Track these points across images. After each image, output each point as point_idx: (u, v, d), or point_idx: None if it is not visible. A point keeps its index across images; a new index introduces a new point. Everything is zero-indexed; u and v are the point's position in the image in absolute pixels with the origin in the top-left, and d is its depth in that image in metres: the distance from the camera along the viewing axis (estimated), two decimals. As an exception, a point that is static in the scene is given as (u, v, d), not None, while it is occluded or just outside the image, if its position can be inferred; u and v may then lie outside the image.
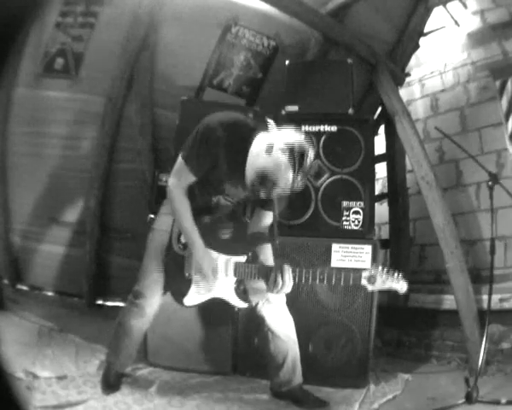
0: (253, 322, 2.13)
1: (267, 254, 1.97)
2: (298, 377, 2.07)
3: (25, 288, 3.48)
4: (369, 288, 1.86)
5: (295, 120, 2.58)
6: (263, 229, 2.01)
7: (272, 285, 1.85)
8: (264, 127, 1.80)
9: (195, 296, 1.95)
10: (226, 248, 1.96)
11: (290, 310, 2.10)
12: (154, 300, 2.01)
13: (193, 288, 1.94)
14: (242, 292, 1.97)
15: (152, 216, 2.27)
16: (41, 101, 3.01)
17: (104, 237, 3.29)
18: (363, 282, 1.85)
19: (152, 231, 2.05)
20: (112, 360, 2.13)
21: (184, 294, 1.93)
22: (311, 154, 1.71)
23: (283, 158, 1.67)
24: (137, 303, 2.01)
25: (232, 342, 2.45)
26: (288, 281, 1.84)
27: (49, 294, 3.47)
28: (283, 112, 2.65)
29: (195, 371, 2.43)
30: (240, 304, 1.98)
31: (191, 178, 1.86)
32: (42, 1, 1.02)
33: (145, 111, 3.03)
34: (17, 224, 3.38)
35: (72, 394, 2.00)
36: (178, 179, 1.88)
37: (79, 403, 1.92)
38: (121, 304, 2.33)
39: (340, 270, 1.90)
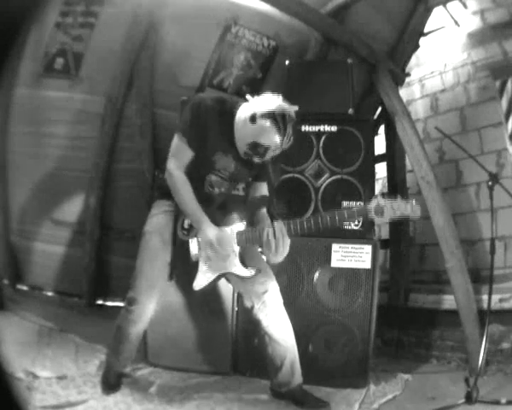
0: (253, 322, 2.12)
1: (265, 221, 1.95)
2: (297, 379, 2.07)
3: (25, 288, 3.48)
4: (379, 220, 1.71)
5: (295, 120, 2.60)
6: (259, 198, 2.01)
7: (266, 249, 1.80)
8: (245, 100, 1.92)
9: (203, 278, 1.92)
10: (225, 221, 1.94)
11: (290, 310, 2.09)
12: (149, 305, 1.98)
13: (200, 270, 1.91)
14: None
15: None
16: (41, 101, 3.01)
17: (104, 237, 3.29)
18: (372, 215, 1.72)
19: (143, 234, 2.01)
20: (111, 360, 2.12)
21: (192, 278, 1.91)
22: (291, 111, 1.83)
23: (267, 123, 1.78)
24: (132, 310, 1.98)
25: (232, 342, 2.45)
26: (281, 237, 1.78)
27: (49, 294, 3.47)
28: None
29: (195, 371, 2.43)
30: (246, 273, 1.92)
31: (189, 154, 1.89)
32: (42, 1, 1.02)
33: (145, 111, 3.03)
34: (17, 224, 3.38)
35: (72, 394, 1.99)
36: (177, 159, 1.90)
37: (79, 403, 1.92)
38: (121, 304, 2.33)
39: (342, 211, 1.79)
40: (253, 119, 1.81)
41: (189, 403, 2.06)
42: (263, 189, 2.02)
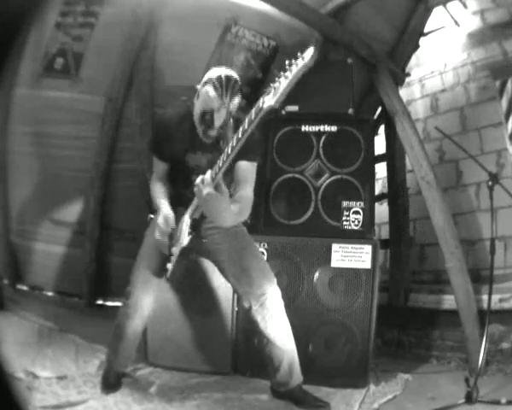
0: (251, 323, 2.12)
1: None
2: (296, 379, 2.06)
3: (25, 288, 3.48)
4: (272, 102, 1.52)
5: (295, 120, 2.60)
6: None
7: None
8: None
9: (170, 263, 1.96)
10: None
11: (290, 310, 2.09)
12: (145, 299, 2.03)
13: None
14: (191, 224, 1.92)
15: (152, 216, 2.27)
16: (41, 101, 3.01)
17: (104, 237, 3.29)
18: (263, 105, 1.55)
19: (144, 237, 2.10)
20: (111, 359, 2.13)
21: (166, 269, 1.97)
22: (230, 74, 1.87)
23: (207, 89, 1.84)
24: (129, 304, 2.04)
25: (232, 342, 2.46)
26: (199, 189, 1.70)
27: (49, 294, 3.47)
28: (283, 112, 2.65)
29: (195, 371, 2.43)
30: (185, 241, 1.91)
31: (161, 165, 2.04)
32: (42, 1, 1.02)
33: (145, 111, 3.03)
34: (17, 224, 3.38)
35: (72, 394, 1.99)
36: (155, 173, 2.07)
37: (79, 403, 1.92)
38: (121, 304, 2.33)
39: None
40: (197, 95, 1.91)
41: (189, 403, 2.06)
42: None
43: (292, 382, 2.05)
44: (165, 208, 1.93)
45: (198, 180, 1.72)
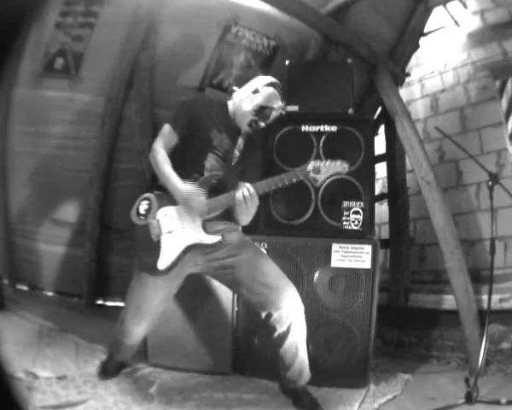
0: (253, 322, 2.12)
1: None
2: (304, 379, 2.06)
3: (25, 288, 3.48)
4: (318, 178, 1.93)
5: (295, 120, 2.60)
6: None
7: (239, 208, 1.95)
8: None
9: (168, 255, 1.92)
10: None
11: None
12: (138, 331, 2.11)
13: (163, 248, 1.91)
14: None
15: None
16: (41, 101, 3.01)
17: (104, 237, 3.29)
18: (312, 175, 1.92)
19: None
20: (113, 350, 2.20)
21: (156, 259, 1.90)
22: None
23: (271, 89, 2.09)
24: (121, 325, 2.12)
25: (232, 342, 2.45)
26: (249, 197, 1.90)
27: (49, 294, 3.46)
28: (283, 112, 2.64)
29: (195, 371, 2.42)
30: (212, 240, 1.96)
31: (173, 138, 2.03)
32: (42, 1, 1.02)
33: (145, 111, 3.03)
34: (17, 224, 3.38)
35: (72, 394, 1.99)
36: (162, 140, 2.03)
37: (79, 403, 1.92)
38: (121, 304, 2.34)
39: (281, 175, 1.95)
40: (255, 91, 2.09)
41: (189, 403, 2.06)
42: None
43: (300, 381, 2.05)
44: (184, 185, 1.92)
45: (245, 191, 1.89)
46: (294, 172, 1.95)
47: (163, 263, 1.91)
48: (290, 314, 1.97)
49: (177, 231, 1.93)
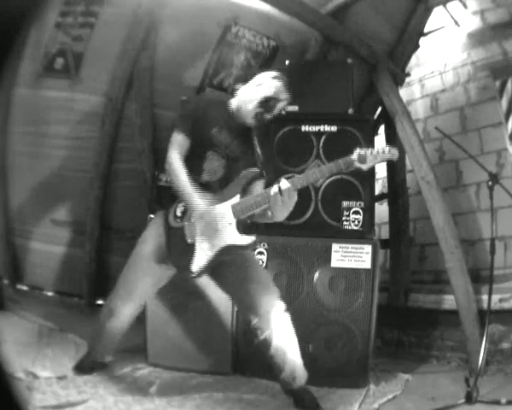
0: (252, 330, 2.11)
1: (259, 190, 2.02)
2: (298, 381, 2.05)
3: (25, 288, 3.48)
4: (364, 167, 1.88)
5: (295, 120, 2.60)
6: (252, 172, 2.09)
7: (274, 205, 1.89)
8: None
9: (203, 257, 1.93)
10: (220, 197, 1.98)
11: (290, 310, 2.08)
12: (125, 310, 2.11)
13: (198, 250, 1.93)
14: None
15: (152, 216, 2.28)
16: (41, 101, 3.01)
17: (104, 237, 3.29)
18: (356, 164, 1.88)
19: (137, 244, 2.11)
20: (92, 347, 2.23)
21: (190, 261, 1.92)
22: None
23: (276, 81, 2.05)
24: (108, 305, 2.17)
25: (232, 342, 2.45)
26: (286, 192, 1.87)
27: (49, 294, 3.47)
28: (283, 112, 2.64)
29: (195, 371, 2.42)
30: (246, 240, 1.96)
31: (185, 141, 2.03)
32: (42, 1, 1.02)
33: (145, 111, 3.03)
34: (17, 224, 3.38)
35: (72, 394, 1.99)
36: (174, 148, 2.04)
37: (79, 403, 1.91)
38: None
39: (334, 162, 1.90)
40: (260, 83, 2.05)
41: (189, 403, 2.06)
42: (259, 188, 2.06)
43: (295, 383, 2.05)
44: (201, 203, 1.92)
45: (282, 185, 1.85)
46: (336, 162, 1.90)
47: (196, 265, 1.93)
48: (270, 321, 1.97)
49: (208, 232, 1.94)
